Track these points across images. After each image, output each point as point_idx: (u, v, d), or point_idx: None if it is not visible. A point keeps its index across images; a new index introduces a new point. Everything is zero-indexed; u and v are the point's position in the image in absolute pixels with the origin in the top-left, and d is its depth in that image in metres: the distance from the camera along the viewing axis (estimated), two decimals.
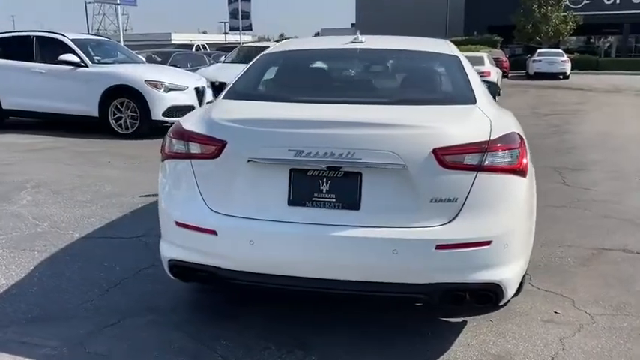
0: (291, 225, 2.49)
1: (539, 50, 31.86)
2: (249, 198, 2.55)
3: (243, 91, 3.22)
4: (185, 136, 2.70)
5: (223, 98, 3.13)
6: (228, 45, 30.83)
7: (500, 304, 2.68)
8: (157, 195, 2.93)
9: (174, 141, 2.74)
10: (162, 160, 2.85)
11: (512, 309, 3.11)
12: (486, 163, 2.45)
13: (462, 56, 3.43)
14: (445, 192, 2.43)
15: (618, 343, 2.81)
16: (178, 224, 2.67)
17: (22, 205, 5.13)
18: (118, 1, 19.43)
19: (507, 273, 2.51)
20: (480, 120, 2.63)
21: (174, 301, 3.25)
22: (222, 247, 2.56)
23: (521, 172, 2.53)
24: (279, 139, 2.51)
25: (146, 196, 5.33)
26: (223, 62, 14.16)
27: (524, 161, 2.55)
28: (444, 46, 3.63)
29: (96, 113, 9.12)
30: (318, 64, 3.77)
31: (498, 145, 2.49)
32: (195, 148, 2.66)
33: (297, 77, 3.54)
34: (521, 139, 2.62)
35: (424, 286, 2.47)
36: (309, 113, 2.69)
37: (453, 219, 2.44)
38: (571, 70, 29.63)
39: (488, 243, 2.43)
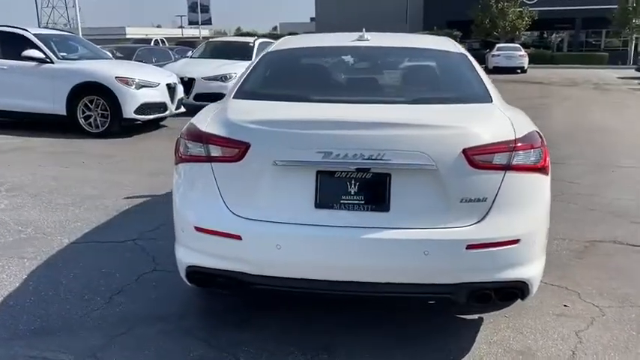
0: (318, 228, 2.44)
1: (498, 45, 32.60)
2: (275, 201, 2.48)
3: (254, 90, 3.13)
4: (204, 138, 2.59)
5: (234, 98, 3.03)
6: (188, 39, 30.23)
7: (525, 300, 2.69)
8: (142, 196, 2.83)
9: (190, 143, 2.64)
10: (177, 164, 2.73)
11: (524, 304, 3.12)
12: (514, 162, 2.46)
13: (469, 54, 3.44)
14: (475, 192, 2.43)
15: (631, 334, 2.89)
16: (198, 229, 2.56)
17: (0, 210, 4.89)
18: None
19: (533, 271, 2.54)
20: (502, 119, 2.64)
21: (181, 307, 3.16)
22: (247, 251, 2.48)
23: (544, 170, 2.55)
24: (307, 140, 2.44)
25: (130, 197, 5.14)
26: (191, 57, 13.84)
27: (548, 159, 2.57)
28: (450, 44, 3.63)
29: (64, 112, 8.75)
30: (329, 62, 3.71)
31: (524, 143, 2.50)
32: (215, 151, 2.55)
33: (310, 76, 3.47)
34: (542, 137, 2.64)
35: (453, 286, 2.46)
36: (336, 114, 2.63)
37: (483, 218, 2.44)
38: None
39: (516, 242, 2.44)
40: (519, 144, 2.48)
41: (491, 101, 2.86)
